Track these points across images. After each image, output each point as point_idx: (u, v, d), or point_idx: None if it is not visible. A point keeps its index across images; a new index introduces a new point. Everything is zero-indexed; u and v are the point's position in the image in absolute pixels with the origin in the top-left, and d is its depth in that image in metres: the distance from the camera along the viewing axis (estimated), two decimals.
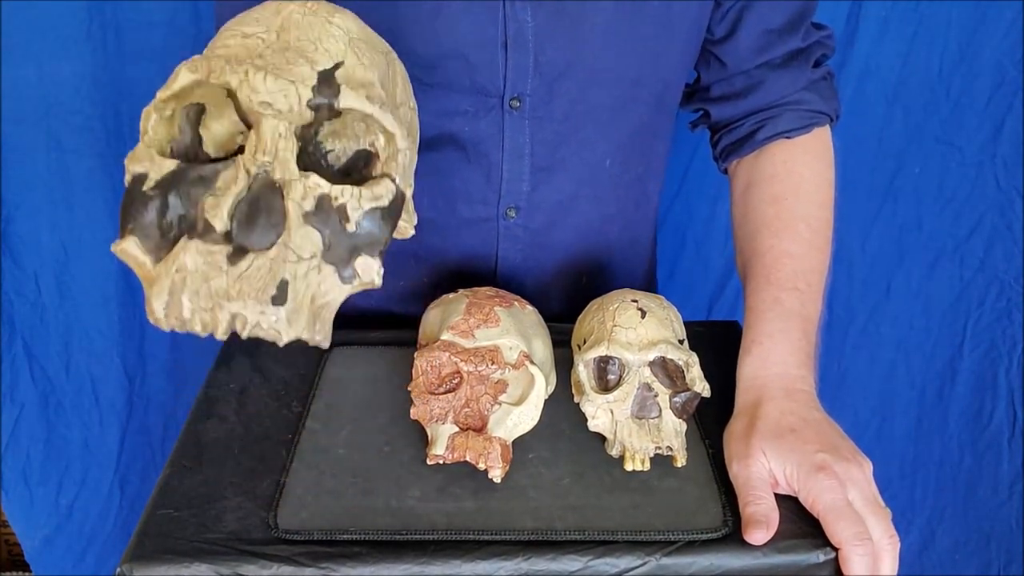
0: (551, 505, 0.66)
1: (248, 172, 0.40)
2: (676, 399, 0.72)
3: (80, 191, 1.26)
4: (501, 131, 0.85)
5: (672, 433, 0.70)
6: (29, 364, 1.36)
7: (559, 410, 0.76)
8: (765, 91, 0.89)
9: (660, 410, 0.71)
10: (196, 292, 0.39)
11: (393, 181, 0.47)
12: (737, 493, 0.66)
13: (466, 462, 0.69)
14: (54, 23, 1.17)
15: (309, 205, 0.41)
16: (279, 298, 0.41)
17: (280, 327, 0.40)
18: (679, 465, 0.70)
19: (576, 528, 0.64)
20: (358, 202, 0.43)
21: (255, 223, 0.40)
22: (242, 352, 0.87)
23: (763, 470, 0.66)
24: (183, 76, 0.43)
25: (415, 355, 0.73)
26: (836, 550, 0.62)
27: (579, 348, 0.77)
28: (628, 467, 0.69)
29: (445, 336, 0.73)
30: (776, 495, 0.66)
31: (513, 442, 0.70)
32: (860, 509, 0.63)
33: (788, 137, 0.89)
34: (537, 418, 0.71)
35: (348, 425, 0.76)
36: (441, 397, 0.71)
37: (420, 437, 0.73)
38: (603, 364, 0.73)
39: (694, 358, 0.73)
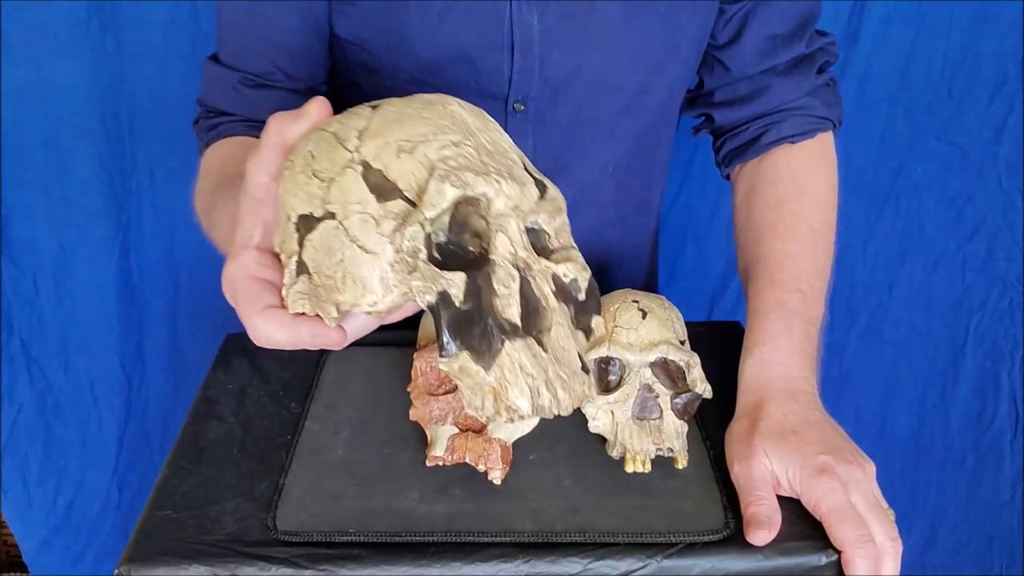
0: (551, 507, 0.66)
1: (515, 269, 0.44)
2: (677, 400, 0.71)
3: (79, 191, 1.26)
4: None
5: (673, 434, 0.70)
6: (27, 364, 1.35)
7: None
8: (769, 96, 0.89)
9: (661, 411, 0.71)
10: (545, 382, 0.44)
11: (575, 249, 0.51)
12: (739, 494, 0.66)
13: (466, 463, 0.68)
14: (54, 23, 1.17)
15: (552, 286, 0.46)
16: (584, 367, 0.47)
17: (589, 392, 0.47)
18: (680, 467, 0.69)
19: (576, 530, 0.64)
20: (576, 274, 0.48)
21: (534, 312, 0.44)
22: (241, 353, 0.87)
23: (765, 471, 0.66)
24: (450, 193, 0.43)
25: (414, 356, 0.72)
26: (838, 552, 0.62)
27: None
28: (629, 468, 0.69)
29: None
30: (778, 496, 0.66)
31: (513, 443, 0.70)
32: (863, 511, 0.63)
33: (792, 142, 0.89)
34: (537, 419, 0.71)
35: (347, 426, 0.75)
36: (441, 398, 0.70)
37: (420, 438, 0.72)
38: (604, 365, 0.73)
39: (695, 359, 0.73)
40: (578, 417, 0.73)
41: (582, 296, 0.49)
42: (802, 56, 0.88)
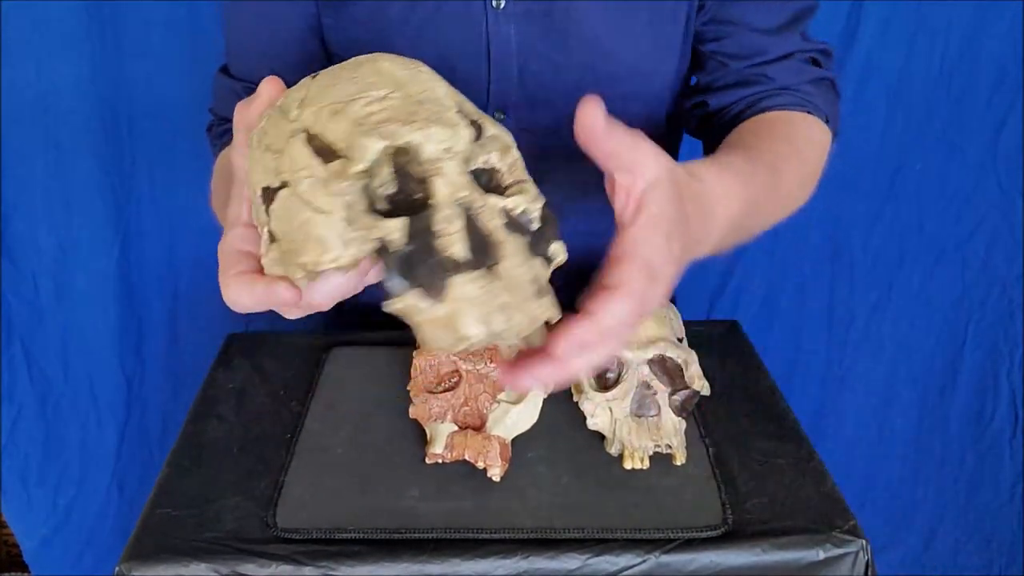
0: (550, 503, 0.66)
1: (459, 208, 0.46)
2: (675, 397, 0.71)
3: (78, 191, 1.26)
4: None
5: (671, 431, 0.70)
6: (27, 365, 1.36)
7: (558, 408, 0.76)
8: (765, 82, 0.87)
9: (659, 408, 0.71)
10: (497, 309, 0.45)
11: (528, 181, 0.52)
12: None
13: (465, 461, 0.68)
14: (54, 23, 1.17)
15: (502, 220, 0.48)
16: (541, 291, 0.48)
17: (549, 313, 0.48)
18: (678, 463, 0.70)
19: (575, 526, 0.64)
20: (527, 204, 0.50)
21: (483, 246, 0.46)
22: (241, 353, 0.87)
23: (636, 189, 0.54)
24: (374, 145, 0.46)
25: (414, 354, 0.72)
26: (837, 548, 0.62)
27: None
28: (627, 465, 0.69)
29: None
30: (777, 491, 0.66)
31: (512, 441, 0.70)
32: (605, 328, 0.50)
33: (786, 109, 0.85)
34: (536, 417, 0.71)
35: (347, 425, 0.76)
36: (440, 396, 0.71)
37: (419, 436, 0.73)
38: None
39: (693, 356, 0.73)
40: (576, 414, 0.73)
41: (536, 225, 0.50)
42: (796, 51, 0.86)
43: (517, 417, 0.70)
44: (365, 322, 0.94)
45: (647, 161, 0.51)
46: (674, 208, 0.53)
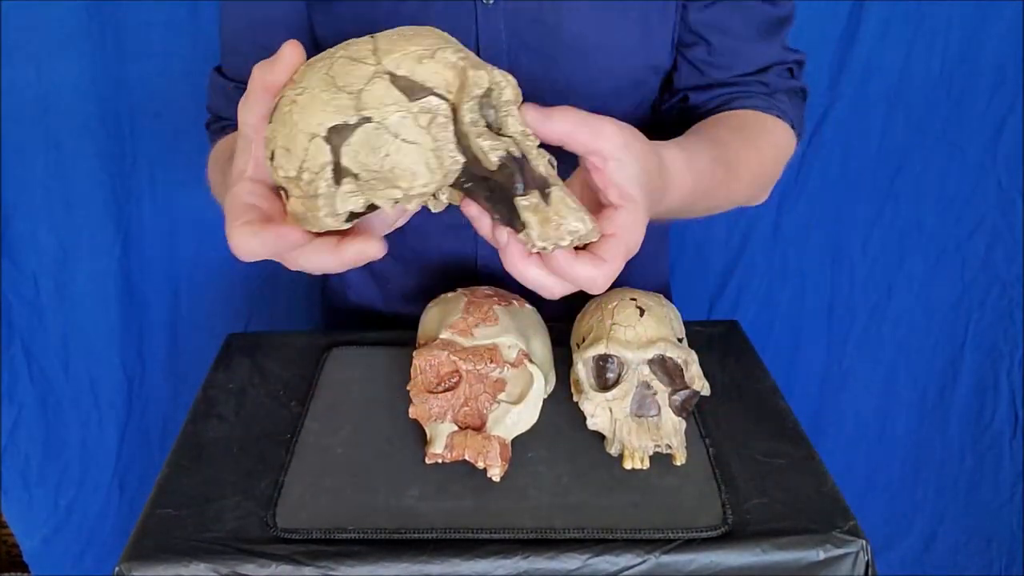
0: (550, 504, 0.66)
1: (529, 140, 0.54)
2: (675, 397, 0.71)
3: (79, 191, 1.26)
4: None
5: (671, 431, 0.70)
6: (28, 365, 1.36)
7: (558, 409, 0.76)
8: (746, 64, 0.87)
9: (659, 408, 0.71)
10: (582, 212, 0.53)
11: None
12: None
13: (465, 461, 0.68)
14: (54, 23, 1.17)
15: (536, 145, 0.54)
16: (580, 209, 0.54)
17: (592, 229, 0.54)
18: (678, 463, 0.70)
19: (575, 527, 0.64)
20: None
21: (533, 175, 0.53)
22: (241, 352, 0.87)
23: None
24: (485, 79, 0.53)
25: (414, 354, 0.72)
26: (837, 548, 0.62)
27: (578, 346, 0.77)
28: (627, 465, 0.69)
29: (444, 335, 0.73)
30: (777, 489, 0.66)
31: (512, 441, 0.70)
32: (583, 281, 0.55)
33: (758, 109, 0.86)
34: (536, 416, 0.71)
35: (347, 424, 0.76)
36: (440, 396, 0.71)
37: (419, 436, 0.73)
38: (602, 362, 0.73)
39: (693, 356, 0.73)
40: (576, 415, 0.73)
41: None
42: (776, 63, 0.87)
43: (517, 417, 0.70)
44: (364, 322, 0.95)
45: (605, 129, 0.55)
46: (644, 174, 0.58)
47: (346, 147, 0.51)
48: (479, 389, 0.71)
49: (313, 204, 0.51)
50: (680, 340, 0.76)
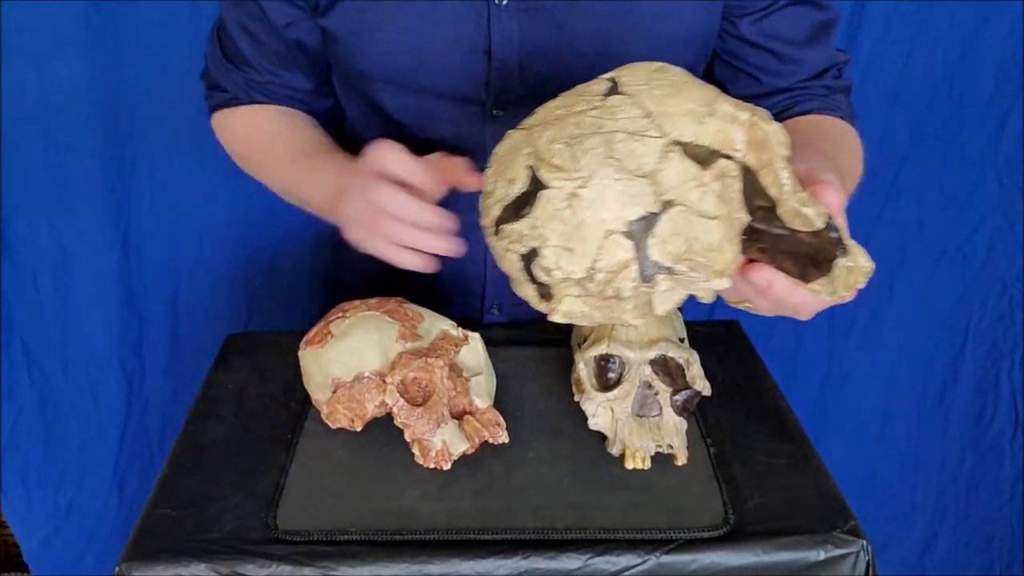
0: (551, 504, 0.66)
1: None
2: (677, 397, 0.71)
3: (79, 191, 1.26)
4: (484, 139, 0.84)
5: (673, 431, 0.70)
6: (27, 365, 1.35)
7: (559, 409, 0.76)
8: (798, 72, 0.88)
9: (661, 408, 0.71)
10: (862, 271, 0.52)
11: None
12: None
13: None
14: (54, 23, 1.17)
15: None
16: None
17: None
18: (680, 463, 0.70)
19: (576, 527, 0.64)
20: None
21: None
22: (241, 353, 0.87)
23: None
24: (777, 132, 0.48)
25: (387, 382, 0.71)
26: (838, 548, 0.62)
27: (579, 346, 0.77)
28: (628, 465, 0.69)
29: (398, 347, 0.72)
30: (777, 489, 0.66)
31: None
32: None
33: (818, 113, 0.87)
34: (481, 354, 0.75)
35: None
36: (428, 408, 0.70)
37: None
38: (603, 362, 0.73)
39: (694, 356, 0.73)
40: (578, 415, 0.73)
41: None
42: (831, 66, 0.88)
43: (484, 383, 0.73)
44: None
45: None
46: None
47: (651, 239, 0.45)
48: (453, 377, 0.72)
49: (615, 306, 0.47)
50: (681, 340, 0.76)
